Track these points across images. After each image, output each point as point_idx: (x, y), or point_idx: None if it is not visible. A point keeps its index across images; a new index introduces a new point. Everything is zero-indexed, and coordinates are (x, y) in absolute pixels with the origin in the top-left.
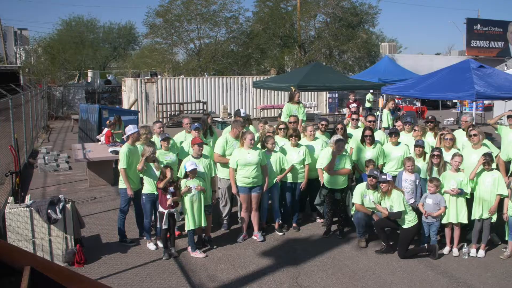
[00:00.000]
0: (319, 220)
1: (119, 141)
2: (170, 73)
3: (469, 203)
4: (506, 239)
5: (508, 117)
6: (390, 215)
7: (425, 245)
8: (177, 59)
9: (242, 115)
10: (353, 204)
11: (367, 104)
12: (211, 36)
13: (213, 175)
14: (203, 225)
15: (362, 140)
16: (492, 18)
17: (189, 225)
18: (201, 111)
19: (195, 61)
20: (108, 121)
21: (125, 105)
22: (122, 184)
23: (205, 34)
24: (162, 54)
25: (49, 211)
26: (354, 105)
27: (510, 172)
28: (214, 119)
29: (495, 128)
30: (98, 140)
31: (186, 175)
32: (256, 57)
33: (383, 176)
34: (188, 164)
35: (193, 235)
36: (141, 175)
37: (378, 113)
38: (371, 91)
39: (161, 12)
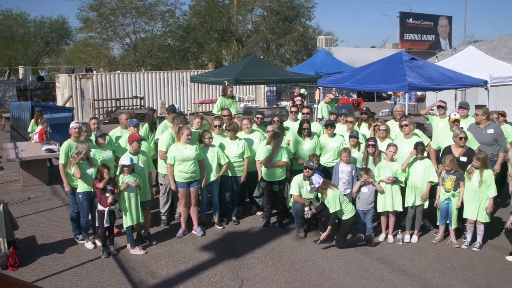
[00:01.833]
0: (258, 213)
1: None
2: (106, 69)
3: (403, 191)
4: (438, 224)
5: (439, 107)
6: (317, 209)
7: (362, 235)
8: (113, 54)
9: (177, 111)
10: (291, 195)
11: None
12: (147, 30)
13: (150, 170)
14: (141, 221)
15: (300, 132)
16: (424, 12)
17: (127, 222)
18: (138, 106)
19: (131, 56)
20: (35, 116)
21: (59, 102)
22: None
23: (141, 29)
24: (97, 49)
25: None
26: (299, 98)
27: (440, 160)
28: None
29: (426, 118)
30: (31, 139)
31: (121, 171)
32: (193, 51)
33: (316, 179)
34: (122, 159)
35: (131, 232)
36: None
37: (314, 105)
38: (300, 84)
39: (95, 6)
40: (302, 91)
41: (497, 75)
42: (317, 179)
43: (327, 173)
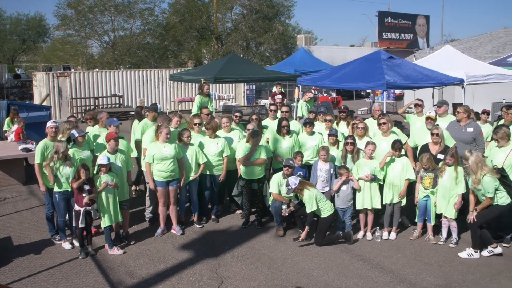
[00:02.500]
0: (237, 211)
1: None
2: (84, 67)
3: (381, 188)
4: (416, 221)
5: (415, 105)
6: (295, 207)
7: (340, 232)
8: (91, 52)
9: (159, 110)
10: (270, 194)
11: None
12: (126, 28)
13: (129, 169)
14: (119, 220)
15: (279, 131)
16: (402, 11)
17: (105, 222)
18: (117, 105)
19: (110, 54)
20: (10, 114)
21: (37, 100)
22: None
23: (120, 26)
24: (75, 47)
25: None
26: (280, 96)
27: (417, 157)
28: (130, 113)
29: (403, 117)
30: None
31: (98, 171)
32: (173, 50)
33: (292, 180)
34: (99, 158)
35: (109, 231)
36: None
37: (294, 104)
38: (276, 83)
39: (73, 3)
40: (274, 89)
41: (473, 74)
42: (293, 180)
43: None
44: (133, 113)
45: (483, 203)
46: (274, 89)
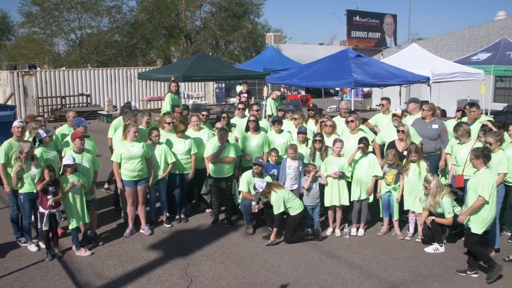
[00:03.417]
0: (207, 210)
1: None
2: (50, 65)
3: (349, 185)
4: (381, 216)
5: (381, 104)
6: (264, 204)
7: (309, 230)
8: (57, 50)
9: (133, 108)
10: (239, 192)
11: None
12: (93, 26)
13: (96, 169)
14: (86, 221)
15: (247, 129)
16: (370, 10)
17: (72, 223)
18: (84, 104)
19: (77, 52)
20: None
21: (1, 100)
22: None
23: (87, 24)
24: (41, 45)
25: None
26: (245, 95)
27: (384, 154)
28: (99, 112)
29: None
30: None
31: (63, 171)
32: (141, 48)
33: (259, 183)
34: (64, 158)
35: (77, 233)
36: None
37: (263, 102)
38: (240, 81)
39: (38, 0)
40: (241, 88)
41: (438, 72)
42: (260, 184)
43: None
44: (101, 112)
45: (443, 220)
46: (238, 88)
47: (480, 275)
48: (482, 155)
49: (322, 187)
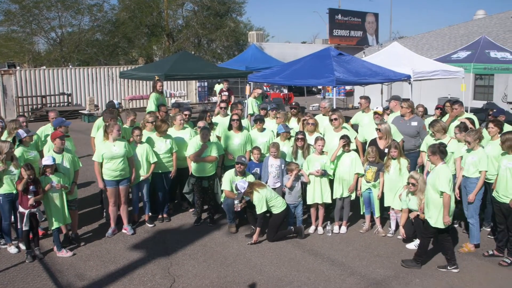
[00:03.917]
0: (190, 210)
1: None
2: (30, 64)
3: (331, 183)
4: (361, 213)
5: (361, 103)
6: (247, 202)
7: (292, 228)
8: (38, 49)
9: (117, 106)
10: (222, 191)
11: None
12: (74, 24)
13: (77, 168)
14: (67, 222)
15: (230, 127)
16: (352, 9)
17: (52, 224)
18: (65, 103)
19: (58, 51)
20: None
21: None
22: None
23: (68, 23)
24: (20, 43)
25: None
26: (226, 93)
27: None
28: (80, 111)
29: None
30: None
31: (43, 172)
32: (123, 47)
33: (241, 184)
34: (44, 159)
35: (58, 233)
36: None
37: (245, 100)
38: (219, 80)
39: None
40: (221, 86)
41: (419, 70)
42: (242, 185)
43: None
44: (82, 111)
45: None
46: (217, 87)
47: (460, 270)
48: (439, 151)
49: (304, 185)
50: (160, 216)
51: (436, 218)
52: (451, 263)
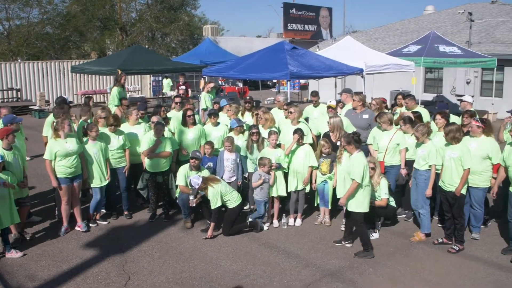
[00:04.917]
0: (146, 208)
1: None
2: None
3: (285, 176)
4: (315, 205)
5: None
6: (202, 198)
7: (247, 221)
8: None
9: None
10: (177, 186)
11: (165, 89)
12: (22, 17)
13: (25, 163)
14: (16, 222)
15: (184, 122)
16: (306, 3)
17: (1, 224)
18: (14, 99)
19: (5, 44)
20: None
21: None
22: None
23: (15, 15)
24: None
25: None
26: (183, 87)
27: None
28: (30, 107)
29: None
30: None
31: None
32: (75, 40)
33: (195, 180)
34: None
35: (6, 234)
36: None
37: (200, 95)
38: (166, 75)
39: None
40: (168, 81)
41: (372, 64)
42: (196, 181)
43: None
44: (32, 107)
45: (379, 202)
46: (165, 82)
47: (411, 259)
48: (353, 141)
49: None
50: (122, 214)
51: (356, 204)
52: (346, 238)
